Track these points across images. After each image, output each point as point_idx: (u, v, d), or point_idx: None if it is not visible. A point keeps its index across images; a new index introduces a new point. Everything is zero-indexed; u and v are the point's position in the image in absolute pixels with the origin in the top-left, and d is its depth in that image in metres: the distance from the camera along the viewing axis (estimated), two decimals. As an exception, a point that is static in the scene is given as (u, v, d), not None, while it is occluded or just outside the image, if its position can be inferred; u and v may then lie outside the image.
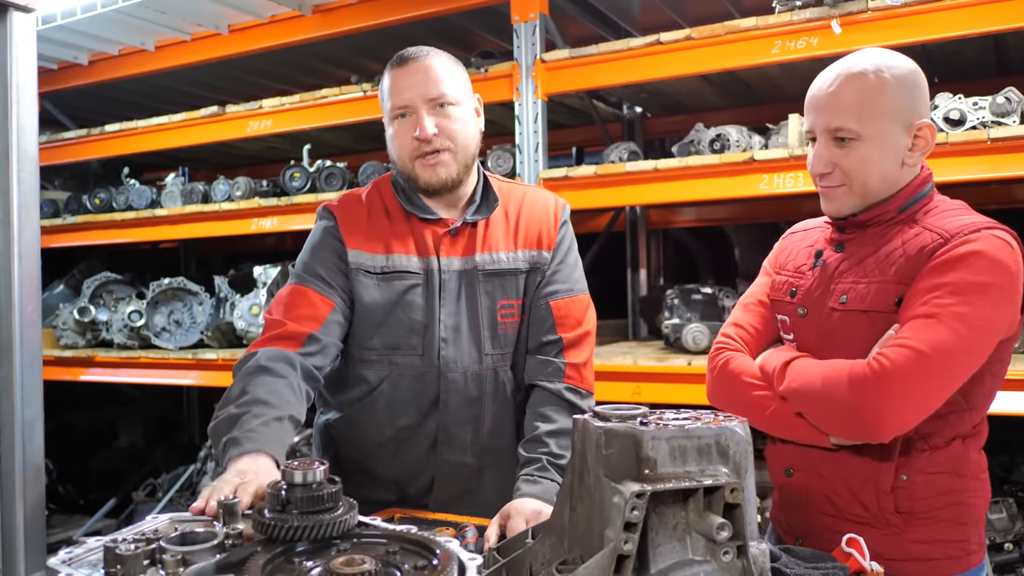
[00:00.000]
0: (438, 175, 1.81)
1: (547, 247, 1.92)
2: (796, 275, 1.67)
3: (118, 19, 3.96)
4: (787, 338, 1.68)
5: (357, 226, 1.87)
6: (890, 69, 1.51)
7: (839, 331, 1.53)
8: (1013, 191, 3.85)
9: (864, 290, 1.51)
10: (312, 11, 3.88)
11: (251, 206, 4.12)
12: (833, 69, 1.55)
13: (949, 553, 1.52)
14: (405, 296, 1.84)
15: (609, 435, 1.05)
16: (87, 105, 5.17)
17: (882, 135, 1.49)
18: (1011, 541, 2.90)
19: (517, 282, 1.89)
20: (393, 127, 1.84)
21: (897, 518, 1.50)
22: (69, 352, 4.54)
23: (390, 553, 0.94)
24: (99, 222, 4.61)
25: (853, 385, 1.39)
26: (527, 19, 3.33)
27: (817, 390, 1.45)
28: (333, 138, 4.79)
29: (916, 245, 1.48)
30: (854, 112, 1.49)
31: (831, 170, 1.54)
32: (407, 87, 1.79)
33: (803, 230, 1.78)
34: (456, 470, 1.88)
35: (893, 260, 1.50)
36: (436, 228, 1.86)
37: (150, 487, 5.04)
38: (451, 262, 1.86)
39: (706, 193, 3.09)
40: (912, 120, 1.51)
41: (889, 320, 1.47)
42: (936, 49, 3.34)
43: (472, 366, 1.85)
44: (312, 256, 1.87)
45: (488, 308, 1.87)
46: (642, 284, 4.66)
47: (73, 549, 0.91)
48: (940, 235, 1.47)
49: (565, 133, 4.72)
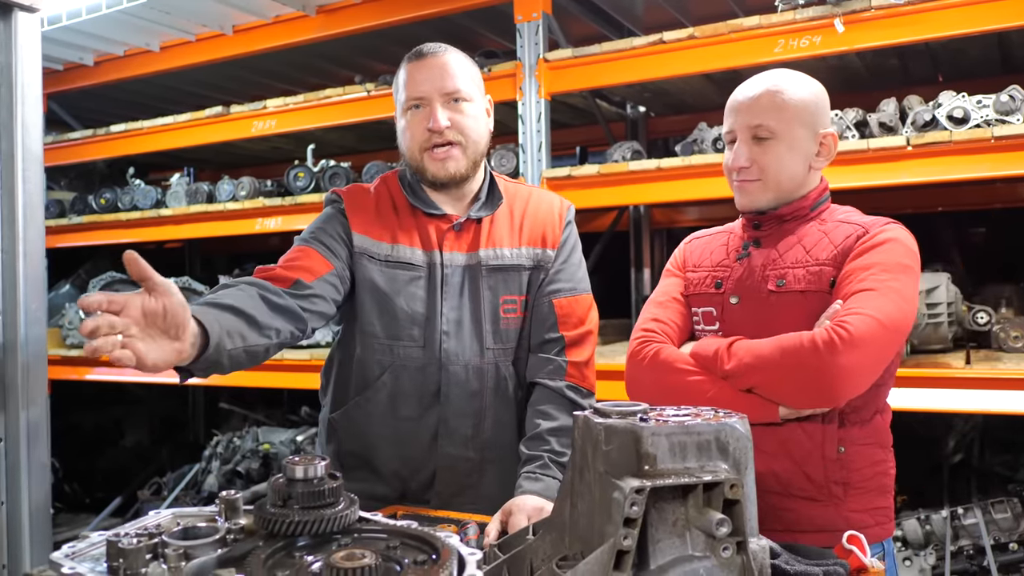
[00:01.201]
0: (446, 168, 1.82)
1: (551, 246, 1.92)
2: (718, 269, 1.80)
3: (123, 20, 3.98)
4: (709, 329, 1.77)
5: (364, 212, 1.87)
6: (800, 84, 1.71)
7: (777, 312, 1.66)
8: (1018, 190, 3.84)
9: (801, 274, 1.66)
10: (316, 11, 3.90)
11: (255, 206, 4.13)
12: (753, 81, 1.73)
13: (878, 520, 1.65)
14: (408, 287, 1.84)
15: (609, 431, 1.05)
16: (93, 105, 5.19)
17: (793, 137, 1.67)
18: (1016, 540, 2.89)
19: (520, 278, 1.90)
20: (406, 118, 1.85)
21: (839, 488, 1.61)
22: (75, 352, 4.56)
23: (390, 548, 0.94)
24: (105, 222, 4.63)
25: (820, 350, 1.49)
26: (530, 18, 3.34)
27: (776, 360, 1.54)
28: (337, 138, 4.80)
29: (841, 234, 1.66)
30: (772, 114, 1.67)
31: (749, 165, 1.70)
32: (424, 80, 1.81)
33: (707, 235, 1.92)
34: (457, 464, 1.88)
35: (822, 247, 1.66)
36: (440, 223, 1.87)
37: (155, 486, 5.06)
38: (454, 257, 1.86)
39: (709, 192, 3.09)
40: (818, 129, 1.70)
41: (823, 299, 1.61)
42: (940, 47, 3.34)
43: (473, 359, 1.86)
44: (318, 227, 1.87)
45: (491, 303, 1.87)
46: (646, 284, 4.66)
47: (76, 543, 0.92)
48: (860, 225, 1.66)
49: (568, 133, 4.73)
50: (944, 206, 3.97)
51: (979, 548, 2.95)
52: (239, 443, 4.67)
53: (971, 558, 2.96)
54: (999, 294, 3.11)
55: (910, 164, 2.73)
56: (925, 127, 2.79)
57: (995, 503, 3.01)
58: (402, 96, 1.85)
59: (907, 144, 2.71)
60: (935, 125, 2.78)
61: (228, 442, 4.70)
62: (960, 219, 4.30)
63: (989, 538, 2.91)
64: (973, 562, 2.95)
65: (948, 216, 4.20)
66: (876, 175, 2.75)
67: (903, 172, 2.74)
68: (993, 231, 4.46)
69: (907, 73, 3.78)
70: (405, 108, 1.84)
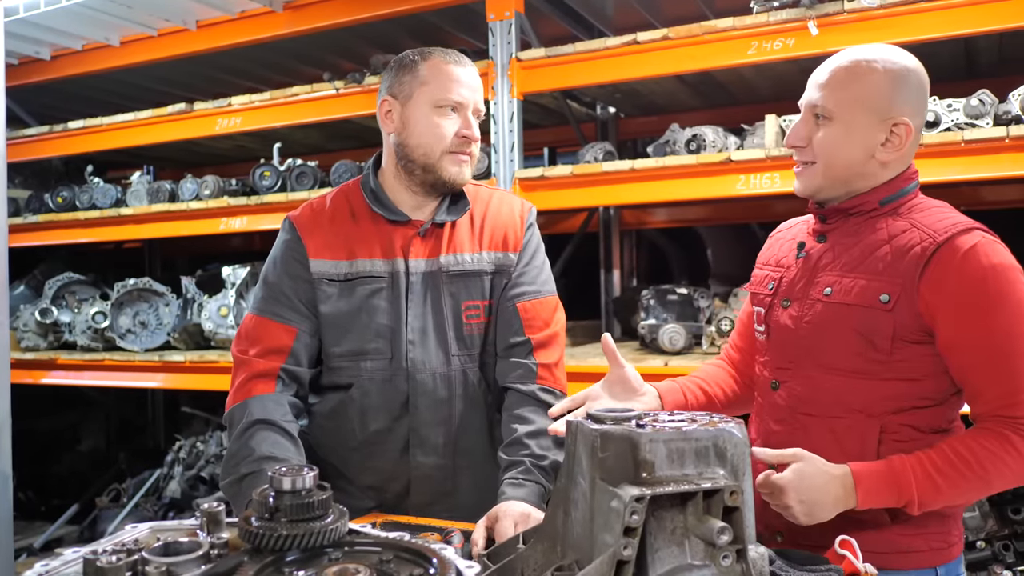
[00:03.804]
0: (463, 173, 1.85)
1: (513, 249, 1.91)
2: (778, 268, 1.70)
3: (82, 13, 3.87)
4: (759, 330, 1.71)
5: (319, 234, 1.87)
6: (885, 62, 1.53)
7: (822, 322, 1.55)
8: (982, 193, 3.90)
9: (849, 284, 1.52)
10: (283, 7, 3.82)
11: (220, 205, 4.04)
12: (840, 54, 1.58)
13: (932, 545, 1.54)
14: (370, 301, 1.84)
15: (605, 438, 1.03)
16: (49, 101, 5.04)
17: (853, 122, 1.52)
18: (983, 539, 2.93)
19: (482, 283, 1.89)
20: (433, 116, 1.81)
21: (884, 512, 1.49)
22: (30, 355, 4.42)
23: (384, 562, 0.90)
24: (62, 221, 4.50)
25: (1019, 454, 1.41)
26: (503, 17, 3.31)
27: (995, 485, 1.45)
28: (303, 137, 4.73)
29: (904, 242, 1.49)
30: (834, 93, 1.53)
31: (805, 144, 1.58)
32: (466, 86, 1.83)
33: (788, 227, 1.80)
34: (431, 472, 1.87)
35: (880, 256, 1.51)
36: (405, 230, 1.87)
37: (114, 492, 4.94)
38: (418, 264, 1.86)
39: (683, 193, 3.09)
40: (890, 114, 1.52)
41: (872, 315, 1.48)
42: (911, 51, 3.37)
43: (440, 367, 1.85)
44: (274, 277, 1.88)
45: (453, 309, 1.87)
46: (615, 285, 4.66)
47: (49, 562, 0.86)
48: (928, 234, 1.48)
49: (537, 133, 4.70)
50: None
51: (947, 547, 2.98)
52: (203, 448, 4.57)
53: (939, 557, 2.99)
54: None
55: (881, 167, 2.74)
56: (896, 130, 2.81)
57: (963, 502, 3.04)
58: (434, 92, 1.81)
59: (879, 147, 2.72)
60: (906, 128, 2.80)
61: (191, 447, 4.60)
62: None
63: (957, 537, 2.94)
64: (942, 561, 2.98)
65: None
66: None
67: (874, 175, 2.76)
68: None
69: (874, 77, 3.81)
70: (437, 105, 1.81)
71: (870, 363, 1.50)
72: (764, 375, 1.69)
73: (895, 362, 1.49)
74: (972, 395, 1.49)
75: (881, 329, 1.48)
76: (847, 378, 1.53)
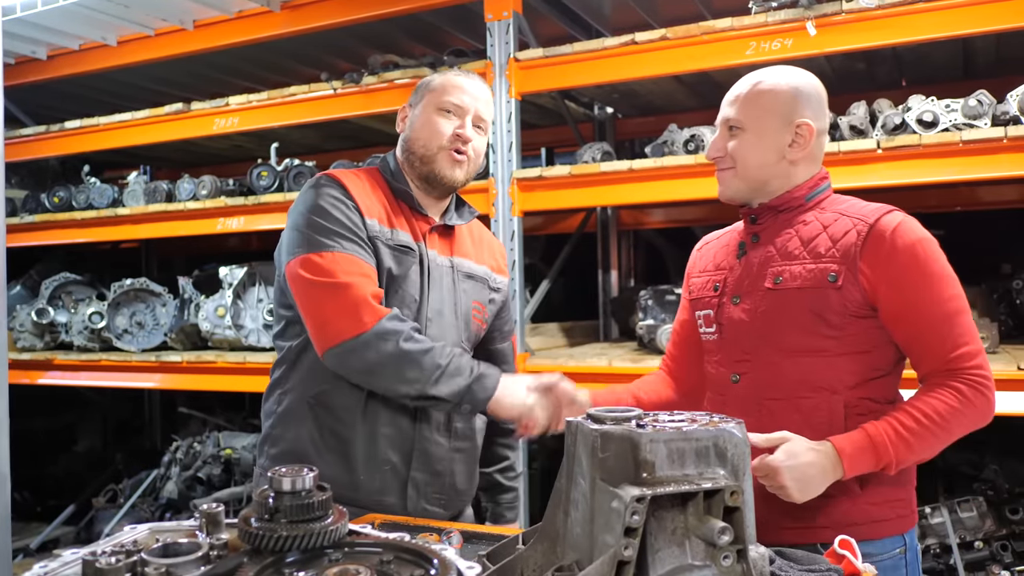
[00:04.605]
0: (454, 172, 1.93)
1: (502, 273, 2.12)
2: (718, 271, 1.83)
3: (79, 12, 3.86)
4: (708, 332, 1.81)
5: (365, 197, 1.90)
6: (785, 76, 1.74)
7: (776, 309, 1.68)
8: (979, 193, 3.91)
9: (797, 271, 1.66)
10: (280, 7, 3.82)
11: (217, 205, 4.03)
12: (748, 76, 1.77)
13: (898, 512, 1.66)
14: (410, 270, 1.91)
15: (606, 438, 1.03)
16: (46, 101, 5.02)
17: (762, 128, 1.70)
18: (981, 539, 2.93)
19: (484, 291, 2.04)
20: (435, 116, 1.94)
21: (855, 482, 1.60)
22: (27, 355, 4.41)
23: (384, 562, 0.90)
24: (58, 221, 4.49)
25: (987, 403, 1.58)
26: (501, 17, 3.30)
27: (942, 434, 1.58)
28: (300, 137, 4.72)
29: (839, 229, 1.66)
30: (744, 107, 1.72)
31: (723, 154, 1.75)
32: (467, 93, 1.95)
33: (714, 238, 1.96)
34: (432, 448, 1.91)
35: (819, 243, 1.66)
36: (423, 222, 1.96)
37: (111, 493, 4.93)
38: (435, 255, 1.96)
39: (681, 193, 3.09)
40: (792, 118, 1.70)
41: (822, 295, 1.62)
42: (906, 51, 3.38)
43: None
44: (332, 219, 1.83)
45: (465, 303, 1.99)
46: (613, 285, 4.66)
47: (48, 563, 0.86)
48: (859, 219, 1.65)
49: (535, 133, 4.70)
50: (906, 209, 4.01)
51: (945, 547, 2.99)
52: (200, 448, 4.55)
53: (937, 557, 3.00)
54: (963, 296, 3.15)
55: (879, 167, 2.75)
56: (895, 130, 2.82)
57: (961, 502, 3.05)
58: (438, 96, 1.95)
59: (877, 147, 2.73)
60: (904, 128, 2.80)
61: (188, 447, 4.58)
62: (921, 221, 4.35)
63: (955, 537, 2.95)
64: (940, 561, 2.99)
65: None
66: (845, 178, 2.77)
67: (872, 175, 2.76)
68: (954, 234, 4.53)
69: (873, 77, 3.82)
70: (437, 107, 1.94)
71: (825, 339, 1.63)
72: (720, 372, 1.78)
73: (847, 336, 1.63)
74: (918, 357, 1.64)
75: (832, 306, 1.62)
76: (806, 356, 1.65)
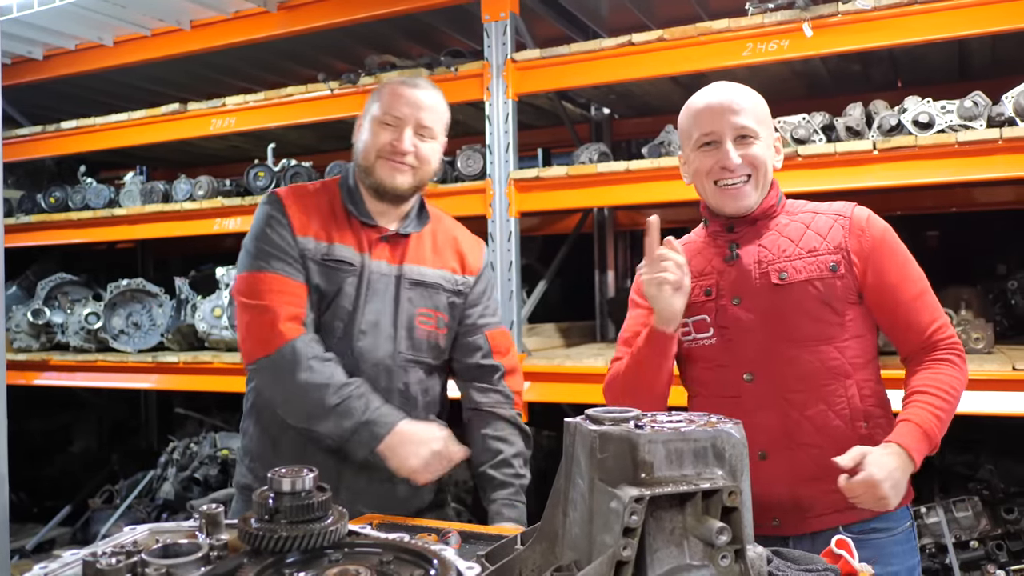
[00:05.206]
0: (394, 180, 1.96)
1: (470, 272, 2.10)
2: (703, 277, 1.81)
3: (75, 12, 3.86)
4: (702, 337, 1.79)
5: (304, 213, 1.97)
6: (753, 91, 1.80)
7: (785, 304, 1.72)
8: (973, 193, 3.92)
9: (799, 265, 1.73)
10: (277, 7, 3.82)
11: (214, 206, 4.03)
12: (717, 87, 1.79)
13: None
14: (344, 284, 1.94)
15: (604, 438, 1.03)
16: (42, 101, 5.02)
17: (767, 136, 1.77)
18: (977, 539, 2.94)
19: (438, 297, 2.04)
20: (374, 126, 1.98)
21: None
22: (23, 355, 4.41)
23: (384, 563, 0.90)
24: (54, 222, 4.49)
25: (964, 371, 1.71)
26: (498, 18, 3.31)
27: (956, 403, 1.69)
28: (297, 137, 4.71)
29: (821, 225, 1.76)
30: (750, 116, 1.74)
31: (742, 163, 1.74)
32: (408, 104, 1.96)
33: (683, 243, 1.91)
34: (364, 464, 1.92)
35: (809, 240, 1.75)
36: (371, 232, 1.99)
37: (107, 494, 4.91)
38: (380, 265, 1.99)
39: (678, 194, 3.09)
40: (771, 128, 1.81)
41: (828, 283, 1.70)
42: (902, 53, 3.38)
43: (384, 360, 1.96)
44: (272, 243, 1.93)
45: (407, 312, 1.99)
46: (610, 286, 4.66)
47: (48, 563, 0.86)
48: (835, 214, 1.76)
49: (532, 134, 4.70)
50: (902, 210, 4.03)
51: (941, 546, 3.00)
52: (196, 449, 4.55)
53: (933, 556, 3.01)
54: (958, 296, 3.16)
55: (876, 168, 2.76)
56: (891, 132, 2.82)
57: (956, 502, 3.06)
58: (377, 109, 1.98)
59: (873, 148, 2.74)
60: (900, 130, 2.81)
61: (185, 448, 4.58)
62: (917, 222, 4.38)
63: (951, 536, 2.96)
64: (935, 560, 3.00)
65: (905, 219, 4.27)
66: (842, 179, 2.78)
67: (869, 176, 2.77)
68: (949, 234, 4.55)
69: (868, 79, 3.83)
70: (377, 119, 1.97)
71: (832, 327, 1.71)
72: (726, 374, 1.76)
73: (847, 322, 1.71)
74: (903, 335, 1.75)
75: (837, 293, 1.70)
76: (821, 344, 1.70)
